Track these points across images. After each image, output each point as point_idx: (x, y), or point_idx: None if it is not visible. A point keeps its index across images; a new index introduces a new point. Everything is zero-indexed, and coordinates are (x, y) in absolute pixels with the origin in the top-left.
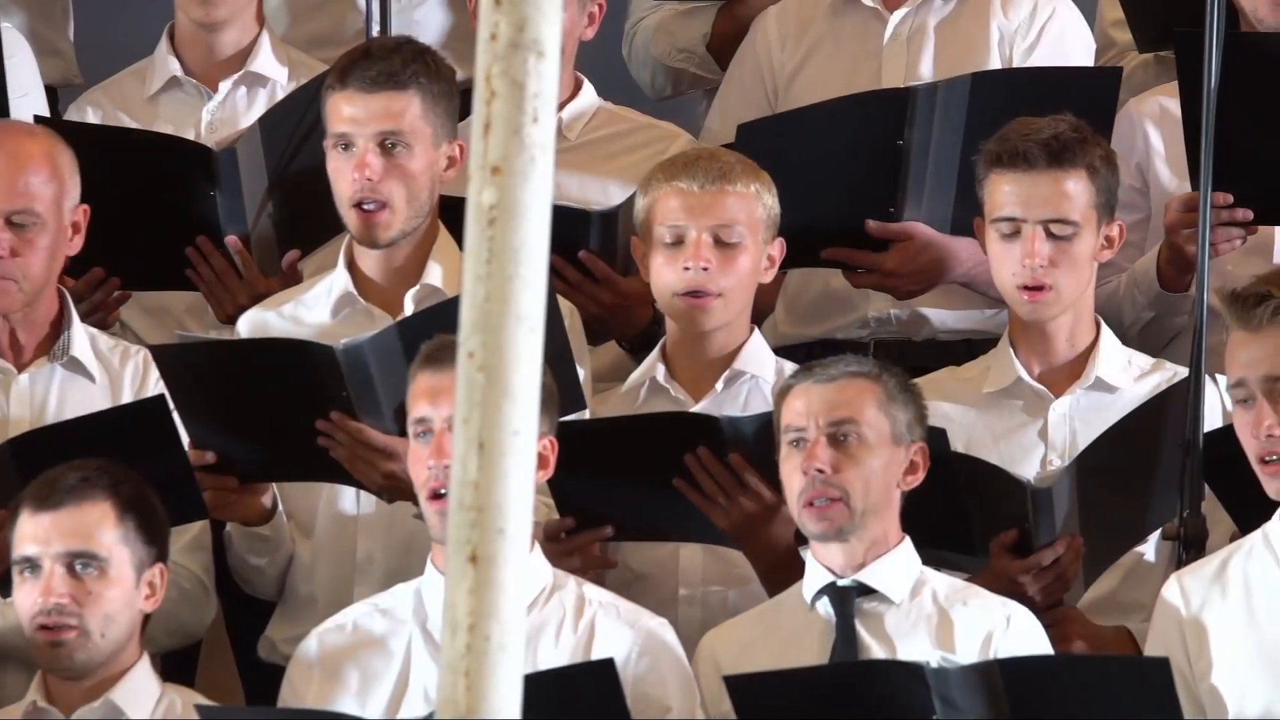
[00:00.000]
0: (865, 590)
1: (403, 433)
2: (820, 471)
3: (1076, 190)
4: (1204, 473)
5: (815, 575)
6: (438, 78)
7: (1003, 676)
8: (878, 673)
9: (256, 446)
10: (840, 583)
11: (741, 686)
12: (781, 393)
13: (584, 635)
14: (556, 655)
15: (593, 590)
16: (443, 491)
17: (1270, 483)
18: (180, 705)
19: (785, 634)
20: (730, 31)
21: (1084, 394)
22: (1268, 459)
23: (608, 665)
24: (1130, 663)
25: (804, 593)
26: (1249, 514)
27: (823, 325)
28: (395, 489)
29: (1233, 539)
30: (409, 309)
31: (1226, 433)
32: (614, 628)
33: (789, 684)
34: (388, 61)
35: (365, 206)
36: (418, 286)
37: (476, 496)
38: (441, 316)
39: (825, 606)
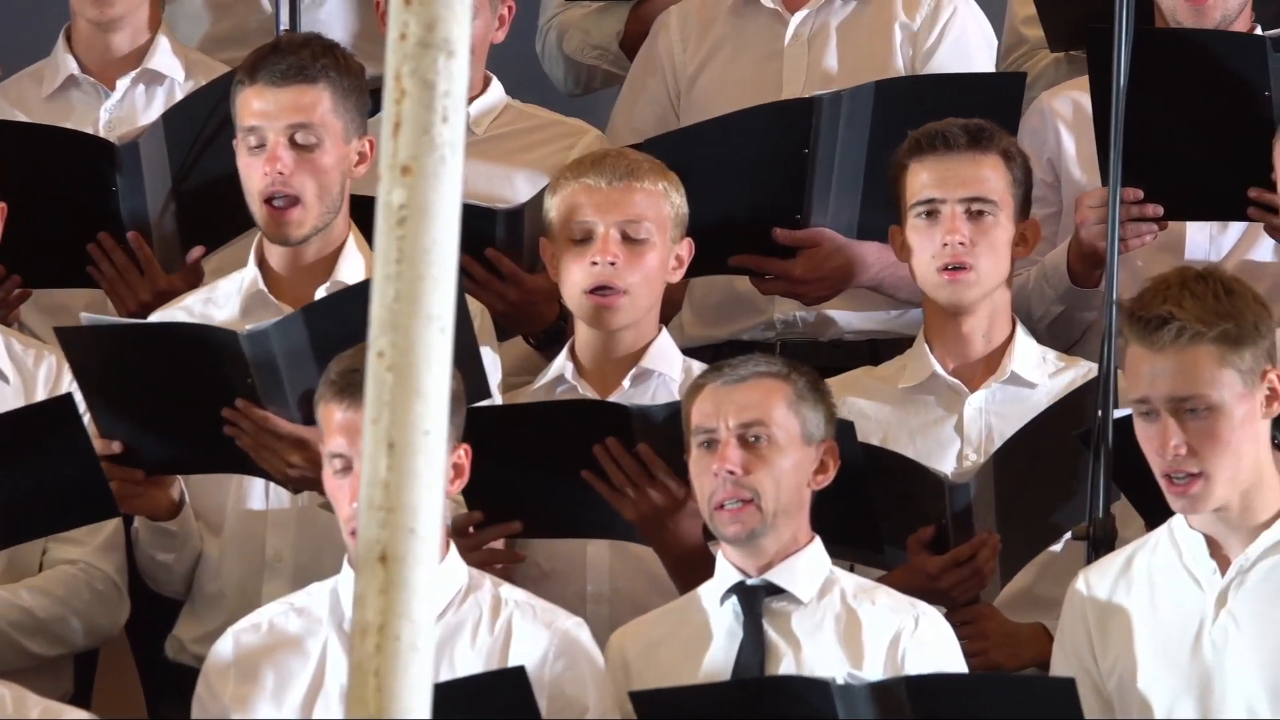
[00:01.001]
0: (773, 590)
1: (308, 420)
2: (731, 473)
3: (994, 174)
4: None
5: (724, 574)
6: (347, 73)
7: (909, 694)
8: (783, 689)
9: (163, 436)
10: (748, 582)
11: (646, 700)
12: (691, 393)
13: (500, 636)
14: (473, 656)
15: (509, 590)
16: None
17: (1176, 501)
18: None
19: (693, 633)
20: (643, 30)
21: (999, 388)
22: (1175, 477)
23: (518, 673)
24: (1036, 682)
25: (712, 591)
26: (1155, 506)
27: (729, 327)
28: (302, 479)
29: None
30: None
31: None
32: (530, 628)
33: (694, 699)
34: (297, 56)
35: (276, 203)
36: (329, 283)
37: (387, 496)
38: (347, 302)
39: (733, 606)
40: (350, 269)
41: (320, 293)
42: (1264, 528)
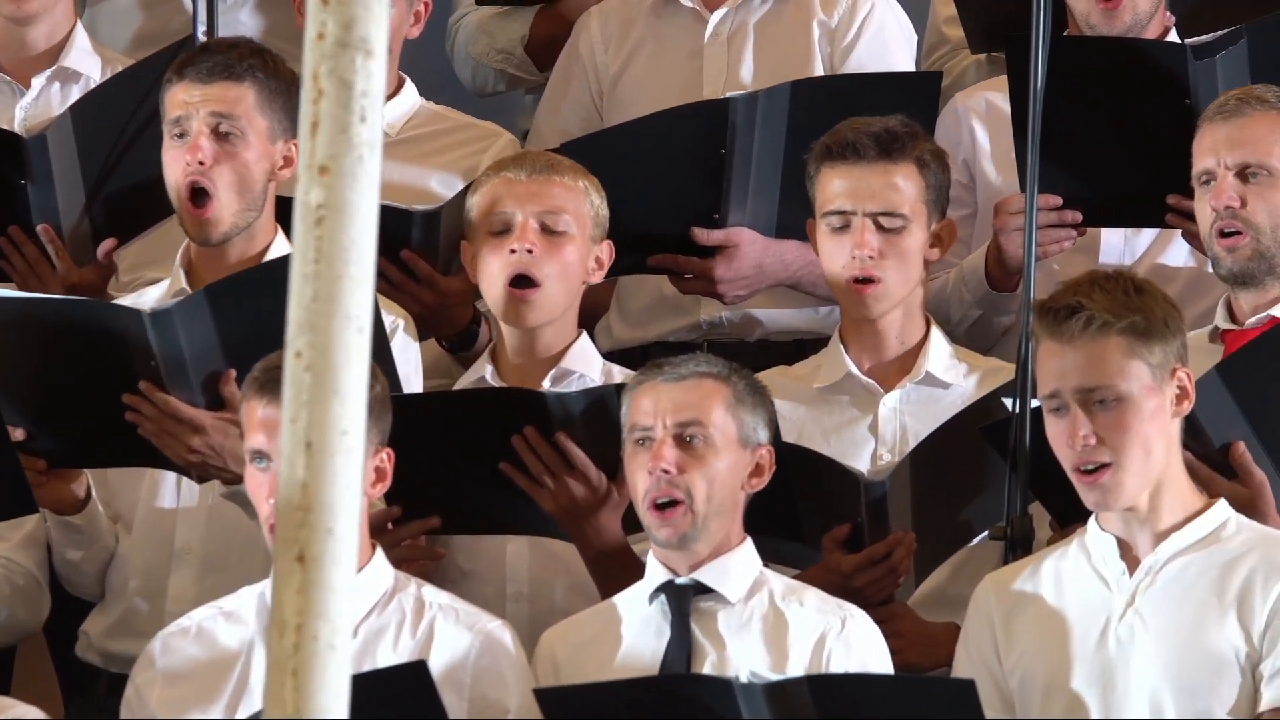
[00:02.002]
0: (702, 589)
1: (210, 405)
2: (665, 472)
3: (906, 184)
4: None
5: (654, 573)
6: (276, 76)
7: (811, 693)
8: (686, 687)
9: (64, 424)
10: (677, 581)
11: (551, 699)
12: (630, 390)
13: (423, 639)
14: (395, 659)
15: (433, 593)
16: None
17: (1088, 494)
18: None
19: (623, 632)
20: (548, 33)
21: (914, 389)
22: (1084, 468)
23: (420, 666)
24: (937, 683)
25: (642, 590)
26: (1064, 506)
27: (656, 329)
28: (203, 465)
29: (1050, 529)
30: None
31: (1036, 424)
32: (453, 631)
33: (597, 697)
34: (225, 55)
35: (196, 203)
36: None
37: (305, 496)
38: (251, 283)
39: (661, 605)
40: None
41: None
42: (1174, 530)
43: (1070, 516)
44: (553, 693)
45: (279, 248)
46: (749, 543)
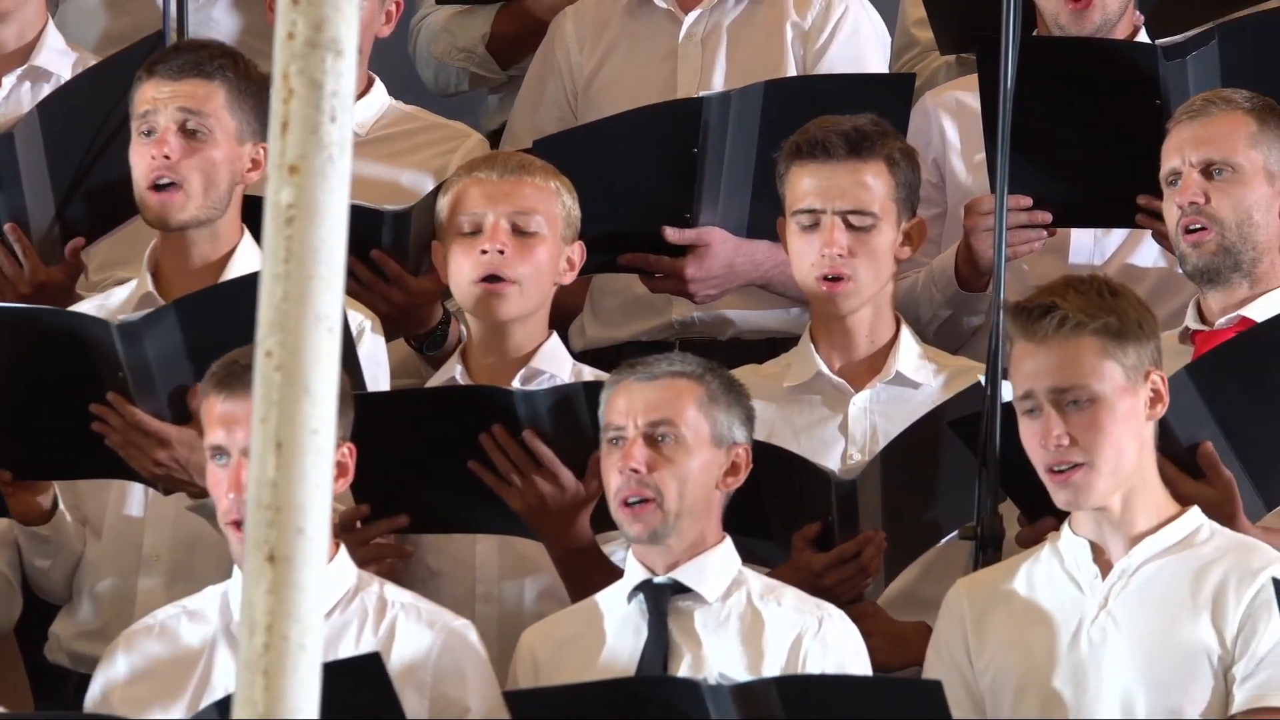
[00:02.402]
0: (680, 589)
1: (177, 418)
2: (635, 471)
3: (875, 182)
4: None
5: (633, 572)
6: (247, 77)
7: (779, 694)
8: (654, 689)
9: (32, 436)
10: (655, 580)
11: (520, 700)
12: (606, 390)
13: (385, 637)
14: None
15: (395, 592)
16: (243, 521)
17: (1059, 493)
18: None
19: (601, 631)
20: (510, 31)
21: (884, 388)
22: (1056, 469)
23: (374, 659)
24: (905, 684)
25: (620, 589)
26: (1033, 500)
27: (629, 328)
28: (169, 478)
29: (1019, 524)
30: None
31: (1008, 422)
32: (414, 629)
33: (567, 699)
34: (195, 54)
35: (159, 183)
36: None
37: (275, 496)
38: (220, 297)
39: (639, 604)
40: (241, 272)
41: None
42: (1147, 534)
43: (1038, 513)
44: (522, 695)
45: (245, 249)
46: (728, 542)
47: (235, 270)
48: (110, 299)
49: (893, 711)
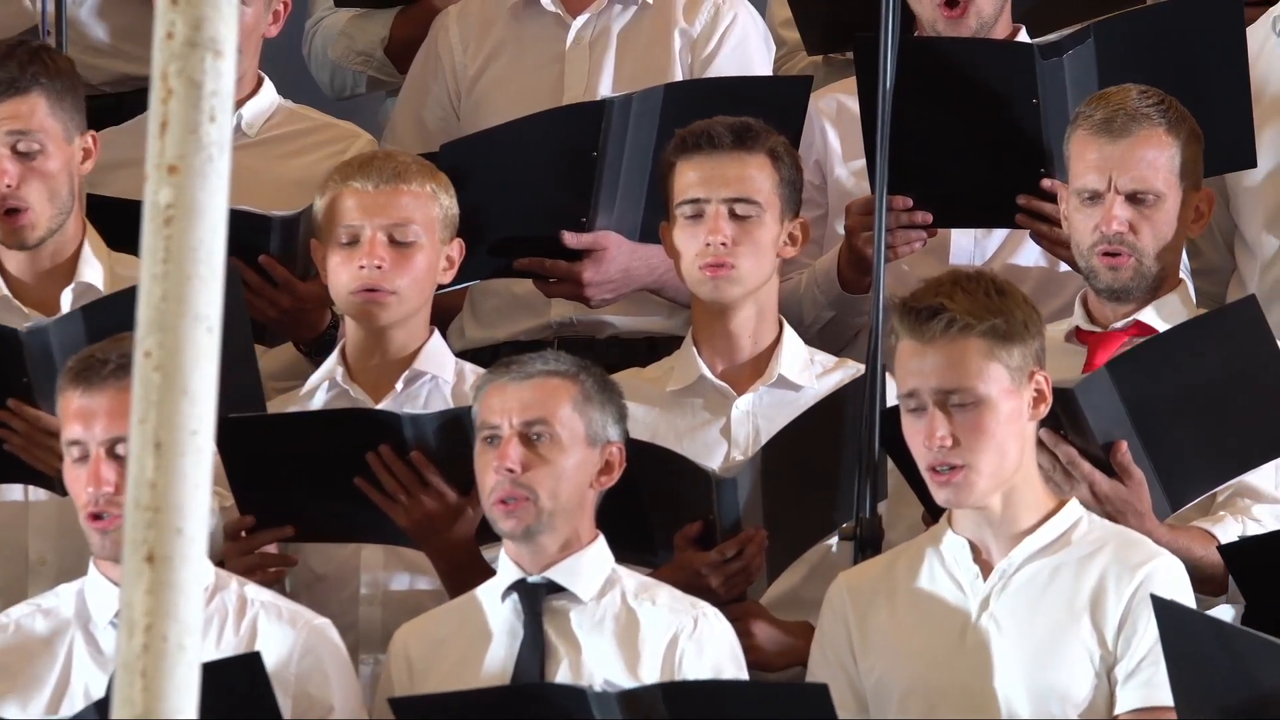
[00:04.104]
0: (554, 588)
1: None
2: (510, 471)
3: (760, 175)
4: (893, 453)
5: (506, 572)
6: (58, 74)
7: (665, 700)
8: (540, 696)
9: None
10: (529, 580)
11: (405, 707)
12: (479, 389)
13: (246, 636)
14: (218, 656)
15: (254, 590)
16: (102, 514)
17: (939, 492)
18: None
19: (476, 630)
20: (409, 36)
21: (766, 391)
22: (939, 469)
23: (254, 658)
24: (791, 688)
25: (494, 589)
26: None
27: (508, 328)
28: None
29: (924, 521)
30: (67, 307)
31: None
32: (275, 628)
33: (452, 706)
34: (5, 69)
35: (8, 208)
36: (74, 284)
37: (154, 496)
38: (126, 300)
39: (514, 603)
40: (94, 269)
41: (66, 294)
42: (1027, 534)
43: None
44: (406, 701)
45: (93, 241)
46: (601, 540)
47: (89, 269)
48: None
49: (779, 715)
